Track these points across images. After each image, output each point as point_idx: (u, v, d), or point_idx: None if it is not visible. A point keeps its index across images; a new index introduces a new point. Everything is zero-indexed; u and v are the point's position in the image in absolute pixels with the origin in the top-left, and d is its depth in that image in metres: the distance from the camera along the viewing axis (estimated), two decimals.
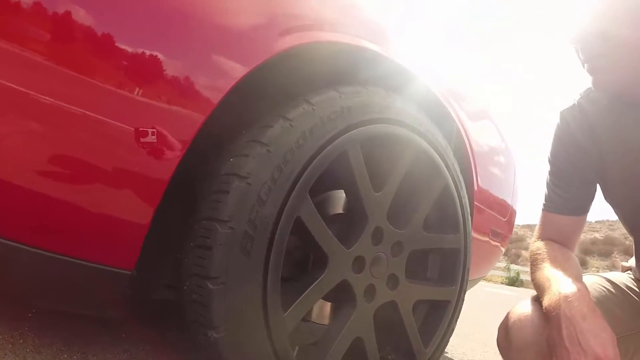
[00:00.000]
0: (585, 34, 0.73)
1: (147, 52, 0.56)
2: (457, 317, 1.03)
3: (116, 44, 0.54)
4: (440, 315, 0.99)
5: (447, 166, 0.97)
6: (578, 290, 0.69)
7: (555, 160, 0.90)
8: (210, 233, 0.64)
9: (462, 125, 1.07)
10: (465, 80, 1.21)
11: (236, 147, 0.68)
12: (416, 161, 0.91)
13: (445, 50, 1.13)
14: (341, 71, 0.86)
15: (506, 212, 1.41)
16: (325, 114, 0.72)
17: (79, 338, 1.00)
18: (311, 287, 0.73)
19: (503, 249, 1.54)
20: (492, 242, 1.34)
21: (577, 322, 0.65)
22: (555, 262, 0.80)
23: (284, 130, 0.67)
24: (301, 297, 0.71)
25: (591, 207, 0.90)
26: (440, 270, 1.02)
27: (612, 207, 0.90)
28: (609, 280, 0.90)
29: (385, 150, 0.87)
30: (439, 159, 0.95)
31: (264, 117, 0.70)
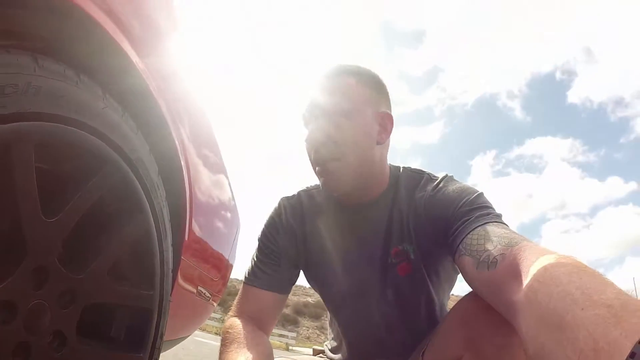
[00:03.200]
0: (321, 138, 0.79)
1: None
2: None
3: None
4: None
5: (152, 208, 0.82)
6: None
7: (266, 240, 0.95)
8: None
9: (188, 174, 0.97)
10: (207, 128, 1.15)
11: None
12: (113, 191, 0.73)
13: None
14: None
15: (222, 266, 1.36)
16: None
17: None
18: None
19: (215, 304, 1.47)
20: (202, 300, 1.25)
21: None
22: (245, 347, 0.78)
23: None
24: None
25: (291, 289, 0.96)
26: (128, 330, 0.83)
27: (315, 289, 1.00)
28: None
29: (74, 162, 0.67)
30: (144, 197, 0.80)
31: None
